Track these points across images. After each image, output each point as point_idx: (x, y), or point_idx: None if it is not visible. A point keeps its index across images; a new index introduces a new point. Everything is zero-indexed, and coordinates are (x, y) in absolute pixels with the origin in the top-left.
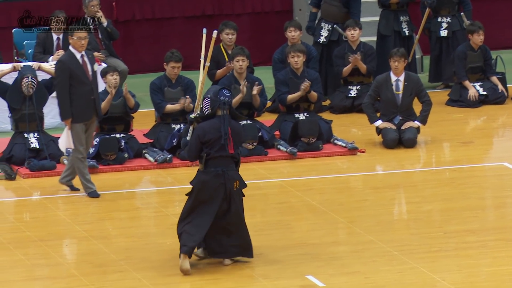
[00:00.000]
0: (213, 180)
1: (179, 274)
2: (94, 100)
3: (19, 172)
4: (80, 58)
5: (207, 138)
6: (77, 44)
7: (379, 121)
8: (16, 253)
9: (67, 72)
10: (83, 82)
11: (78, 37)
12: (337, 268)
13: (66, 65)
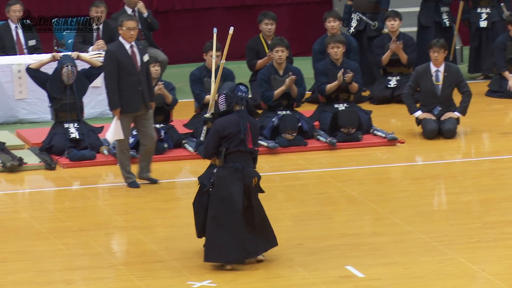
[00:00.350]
0: (231, 175)
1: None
2: (142, 91)
3: (59, 162)
4: (129, 48)
5: (227, 132)
6: (126, 35)
7: (418, 111)
8: (56, 243)
9: (115, 62)
10: (131, 72)
11: (127, 28)
12: (376, 258)
13: (114, 55)
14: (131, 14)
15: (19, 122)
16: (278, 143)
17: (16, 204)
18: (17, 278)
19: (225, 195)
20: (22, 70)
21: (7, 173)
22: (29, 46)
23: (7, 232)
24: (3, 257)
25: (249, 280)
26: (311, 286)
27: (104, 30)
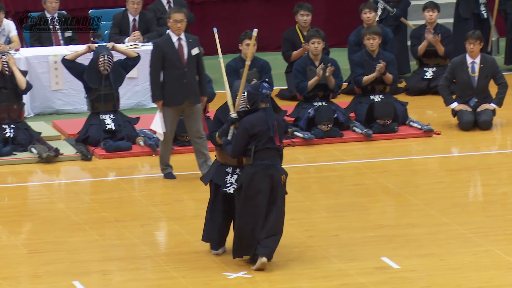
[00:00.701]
0: (260, 173)
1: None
2: (186, 85)
3: (95, 153)
4: (177, 41)
5: (256, 130)
6: (174, 27)
7: (454, 103)
8: (92, 234)
9: (160, 55)
10: (176, 65)
11: (174, 20)
12: (412, 250)
13: (160, 48)
14: (179, 6)
15: (55, 113)
16: (314, 134)
17: (52, 195)
18: (53, 268)
19: (252, 193)
20: (59, 61)
21: (43, 164)
22: (65, 37)
23: (44, 223)
24: (39, 248)
25: (284, 271)
26: (346, 277)
27: (140, 21)
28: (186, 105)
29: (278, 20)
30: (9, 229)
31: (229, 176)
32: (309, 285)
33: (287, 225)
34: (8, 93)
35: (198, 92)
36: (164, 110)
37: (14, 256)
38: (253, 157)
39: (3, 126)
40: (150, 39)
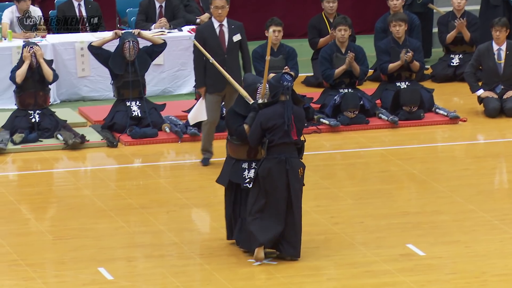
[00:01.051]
0: (276, 167)
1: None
2: (227, 71)
3: (121, 140)
4: (218, 27)
5: (270, 124)
6: (215, 13)
7: (480, 90)
8: (118, 220)
9: (201, 41)
10: (216, 52)
11: (215, 6)
12: (437, 237)
13: (201, 34)
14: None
15: (82, 100)
16: (340, 121)
17: (78, 181)
18: (79, 255)
19: (270, 188)
20: (85, 48)
21: (69, 150)
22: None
23: (69, 210)
24: (65, 234)
25: (310, 258)
26: (372, 264)
27: (166, 7)
28: (227, 91)
29: (305, 7)
30: (35, 215)
31: (246, 172)
32: (335, 272)
33: (313, 212)
34: (34, 81)
35: (239, 79)
36: (206, 96)
37: (39, 243)
38: (269, 151)
39: (29, 112)
40: (176, 26)
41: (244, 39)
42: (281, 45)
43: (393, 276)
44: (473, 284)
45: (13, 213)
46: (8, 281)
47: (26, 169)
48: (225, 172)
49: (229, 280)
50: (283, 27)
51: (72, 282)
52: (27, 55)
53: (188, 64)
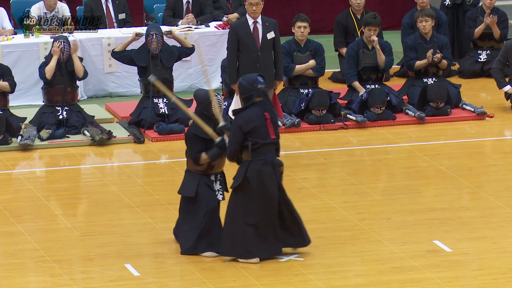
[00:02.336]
0: (264, 169)
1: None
2: (259, 69)
3: (147, 136)
4: (252, 24)
5: (250, 126)
6: (249, 10)
7: (508, 86)
8: (144, 216)
9: (235, 38)
10: (250, 49)
11: (249, 3)
12: (464, 233)
13: (235, 31)
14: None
15: (109, 96)
16: (367, 117)
17: (105, 177)
18: (105, 251)
19: (261, 189)
20: (112, 44)
21: (96, 146)
22: (119, 19)
23: (97, 206)
24: (92, 230)
25: (337, 254)
26: (398, 260)
27: (193, 3)
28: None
29: (332, 3)
30: (62, 211)
31: (214, 184)
32: (362, 268)
33: (340, 208)
34: (63, 76)
35: (272, 76)
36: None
37: (66, 239)
38: (253, 153)
39: (57, 108)
40: (203, 21)
41: (278, 36)
42: (308, 40)
43: (420, 272)
44: (500, 280)
45: (40, 210)
46: (35, 277)
47: (53, 165)
48: (191, 184)
49: (256, 277)
50: (309, 23)
51: (98, 278)
52: (56, 50)
53: (215, 60)
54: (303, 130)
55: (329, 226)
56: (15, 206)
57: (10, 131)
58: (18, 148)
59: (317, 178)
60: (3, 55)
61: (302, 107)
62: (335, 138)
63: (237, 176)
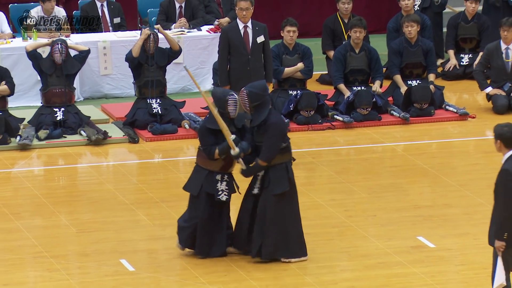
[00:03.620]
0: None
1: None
2: (250, 71)
3: (141, 136)
4: (243, 28)
5: (286, 130)
6: (239, 15)
7: (489, 87)
8: (139, 213)
9: (226, 42)
10: (240, 52)
11: (239, 8)
12: (447, 229)
13: (226, 34)
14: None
15: (104, 97)
16: (354, 118)
17: (100, 176)
18: (101, 247)
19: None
20: (107, 47)
21: (92, 146)
22: (114, 23)
23: (92, 203)
24: (88, 227)
25: (325, 250)
26: (384, 256)
27: (186, 8)
28: None
29: (320, 7)
30: (59, 209)
31: (219, 184)
32: (349, 264)
33: (327, 205)
34: (59, 78)
35: (262, 79)
36: None
37: (63, 235)
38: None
39: (54, 110)
40: (196, 25)
41: (267, 40)
42: (296, 44)
43: (405, 267)
44: (481, 275)
45: (38, 207)
46: (33, 272)
47: (51, 164)
48: (196, 180)
49: (246, 272)
50: (298, 27)
51: (95, 273)
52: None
53: (206, 62)
54: (292, 130)
55: (317, 223)
56: (14, 204)
57: (9, 131)
58: (17, 147)
59: (305, 177)
60: (2, 58)
61: (291, 108)
62: (322, 138)
63: (279, 180)
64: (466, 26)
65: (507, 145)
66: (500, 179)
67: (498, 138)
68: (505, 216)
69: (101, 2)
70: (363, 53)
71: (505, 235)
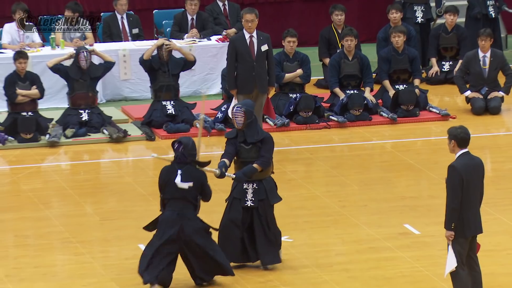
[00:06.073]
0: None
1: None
2: (255, 76)
3: (157, 134)
4: (249, 38)
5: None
6: (246, 26)
7: (468, 91)
8: (155, 204)
9: (233, 50)
10: (246, 60)
11: (245, 20)
12: (431, 218)
13: (233, 43)
14: (251, 8)
15: (124, 100)
16: (347, 118)
17: (121, 170)
18: (121, 234)
19: None
20: (127, 55)
21: (114, 143)
22: (133, 34)
23: (113, 194)
24: (110, 216)
25: (321, 236)
26: (374, 241)
27: (197, 20)
28: (255, 94)
29: (317, 19)
30: (84, 199)
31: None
32: (343, 248)
33: (323, 196)
34: (85, 83)
35: (266, 83)
36: (238, 97)
37: (88, 223)
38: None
39: (80, 111)
40: (206, 35)
41: (270, 49)
42: (296, 52)
43: (393, 251)
44: None
45: (65, 198)
46: (61, 256)
47: (76, 159)
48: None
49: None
50: (297, 37)
51: (115, 256)
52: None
53: (215, 69)
54: (291, 129)
55: (314, 212)
56: (43, 195)
57: (39, 130)
58: (46, 144)
59: (304, 171)
60: (33, 64)
61: (291, 110)
62: (319, 136)
63: (273, 191)
64: (446, 36)
65: (460, 145)
66: (447, 174)
67: (452, 139)
68: (452, 208)
69: (121, 14)
70: (355, 60)
71: (453, 225)
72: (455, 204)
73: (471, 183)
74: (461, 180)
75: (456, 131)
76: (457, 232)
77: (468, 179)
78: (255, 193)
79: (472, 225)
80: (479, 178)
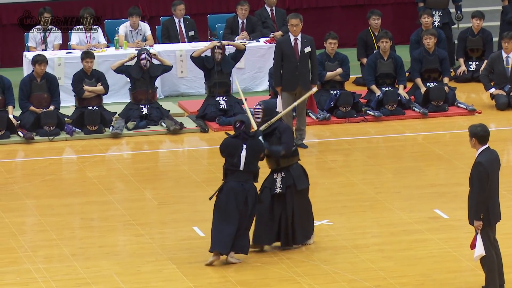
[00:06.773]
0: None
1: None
2: (298, 76)
3: (211, 127)
4: (293, 40)
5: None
6: (291, 29)
7: (492, 88)
8: (208, 190)
9: (279, 51)
10: (291, 60)
11: (291, 24)
12: (458, 203)
13: (279, 45)
14: (296, 13)
15: (180, 95)
16: (382, 113)
17: (177, 159)
18: (177, 217)
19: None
20: (183, 55)
21: (171, 135)
22: (189, 36)
23: (171, 181)
24: (167, 200)
25: (358, 220)
26: (407, 225)
27: (247, 23)
28: (298, 91)
29: (355, 23)
30: (144, 185)
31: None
32: (378, 231)
33: (360, 183)
34: (145, 81)
35: (309, 82)
36: (282, 94)
37: (147, 207)
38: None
39: (140, 106)
40: (255, 37)
41: (314, 51)
42: (336, 53)
43: (423, 234)
44: None
45: (127, 184)
46: (123, 236)
47: (137, 149)
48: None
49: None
50: (338, 39)
51: (172, 238)
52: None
53: (263, 68)
54: (332, 122)
55: (352, 197)
56: (107, 181)
57: (104, 123)
58: (110, 136)
59: (342, 160)
60: (98, 63)
61: (332, 105)
62: (357, 129)
63: (300, 178)
64: (473, 39)
65: (480, 142)
66: (474, 170)
67: (473, 136)
68: (480, 201)
69: (179, 18)
70: (390, 60)
71: (481, 216)
72: (483, 197)
73: (493, 175)
74: (487, 174)
75: (476, 129)
76: (484, 221)
77: (491, 172)
78: (283, 181)
79: (496, 214)
80: (498, 170)
